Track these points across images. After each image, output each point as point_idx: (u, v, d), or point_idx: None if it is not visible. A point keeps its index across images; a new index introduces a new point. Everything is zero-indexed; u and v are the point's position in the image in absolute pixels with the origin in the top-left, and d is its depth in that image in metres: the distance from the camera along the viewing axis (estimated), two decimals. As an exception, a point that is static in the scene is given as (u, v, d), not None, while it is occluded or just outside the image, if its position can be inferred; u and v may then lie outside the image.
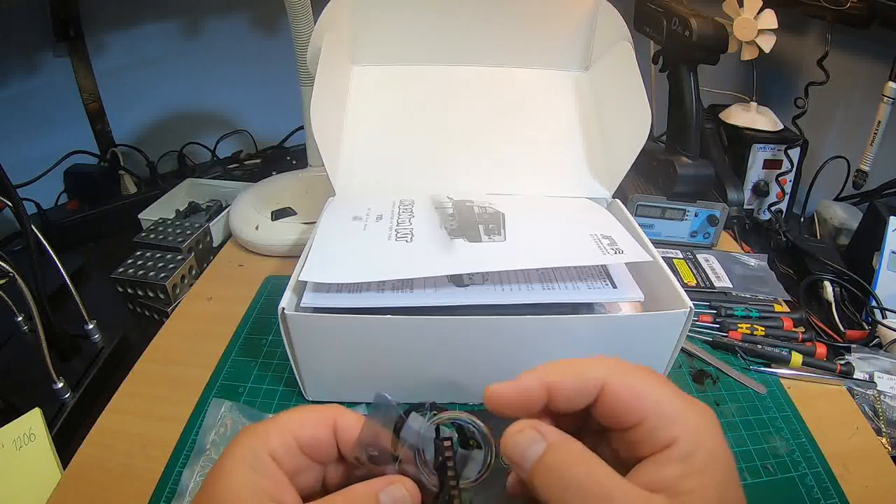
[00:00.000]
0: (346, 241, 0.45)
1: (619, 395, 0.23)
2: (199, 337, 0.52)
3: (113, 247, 0.71)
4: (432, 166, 0.58)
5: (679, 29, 0.61)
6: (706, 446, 0.22)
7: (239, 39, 0.93)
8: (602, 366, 0.24)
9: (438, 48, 0.62)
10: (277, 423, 0.24)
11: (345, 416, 0.25)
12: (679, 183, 0.65)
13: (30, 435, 0.40)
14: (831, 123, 0.80)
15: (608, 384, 0.24)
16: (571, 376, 0.24)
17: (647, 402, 0.23)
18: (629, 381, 0.23)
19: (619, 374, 0.24)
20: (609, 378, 0.24)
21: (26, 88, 0.77)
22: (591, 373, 0.24)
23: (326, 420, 0.25)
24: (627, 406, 0.23)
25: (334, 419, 0.25)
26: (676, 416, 0.23)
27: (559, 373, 0.24)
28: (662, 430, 0.22)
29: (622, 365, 0.24)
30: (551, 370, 0.25)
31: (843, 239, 0.70)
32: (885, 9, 0.65)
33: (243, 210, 0.67)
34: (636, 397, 0.23)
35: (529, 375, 0.24)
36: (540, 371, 0.25)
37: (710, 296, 0.57)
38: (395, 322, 0.39)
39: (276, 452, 0.23)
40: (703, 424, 0.23)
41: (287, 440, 0.24)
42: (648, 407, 0.23)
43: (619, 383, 0.23)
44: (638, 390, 0.23)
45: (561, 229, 0.49)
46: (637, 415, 0.23)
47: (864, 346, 0.53)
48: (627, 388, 0.23)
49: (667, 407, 0.23)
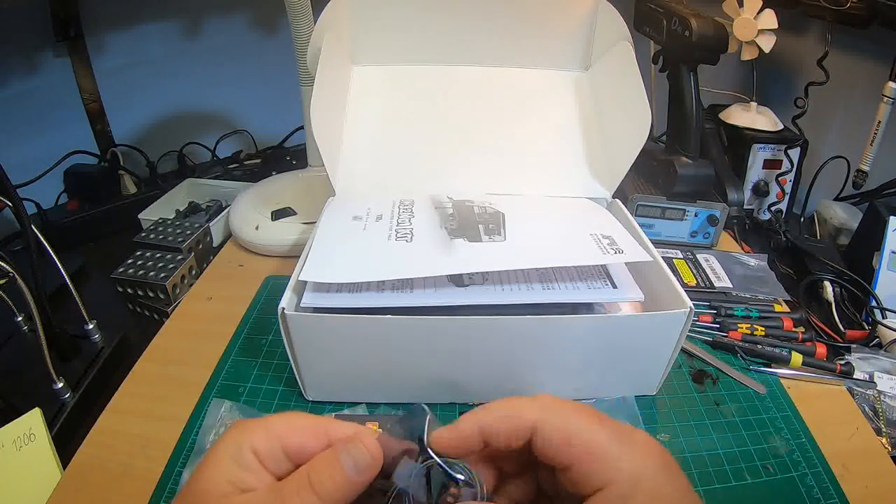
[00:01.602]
0: (346, 241, 0.45)
1: (549, 438, 0.24)
2: (199, 337, 0.52)
3: (113, 247, 0.71)
4: (432, 166, 0.58)
5: (679, 29, 0.61)
6: (646, 488, 0.22)
7: (239, 39, 0.93)
8: (536, 406, 0.24)
9: (438, 48, 0.62)
10: (266, 425, 0.24)
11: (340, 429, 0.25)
12: (679, 183, 0.65)
13: (30, 435, 0.40)
14: (831, 123, 0.80)
15: (539, 427, 0.24)
16: (504, 420, 0.25)
17: (575, 447, 0.23)
18: (559, 424, 0.24)
19: (550, 416, 0.24)
20: (540, 421, 0.24)
21: (26, 88, 0.77)
22: (523, 414, 0.24)
23: (317, 430, 0.25)
24: (557, 449, 0.23)
25: (327, 432, 0.25)
26: (609, 459, 0.23)
27: (493, 416, 0.25)
28: (595, 475, 0.22)
29: (556, 406, 0.24)
30: (486, 413, 0.25)
31: (843, 239, 0.70)
32: (885, 9, 0.65)
33: (243, 210, 0.67)
34: (565, 441, 0.23)
35: (466, 419, 0.25)
36: (476, 414, 0.25)
37: (710, 296, 0.57)
38: (395, 322, 0.39)
39: (259, 451, 0.24)
40: (642, 466, 0.22)
41: (272, 444, 0.24)
42: (577, 451, 0.23)
43: (550, 426, 0.24)
44: (568, 434, 0.23)
45: (561, 229, 0.49)
46: (567, 458, 0.23)
47: (864, 346, 0.53)
48: (557, 432, 0.24)
49: (598, 450, 0.23)
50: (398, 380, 0.43)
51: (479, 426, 0.25)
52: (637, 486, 0.22)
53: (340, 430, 0.25)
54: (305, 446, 0.24)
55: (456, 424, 0.25)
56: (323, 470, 0.23)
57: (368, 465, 0.23)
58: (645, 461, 0.23)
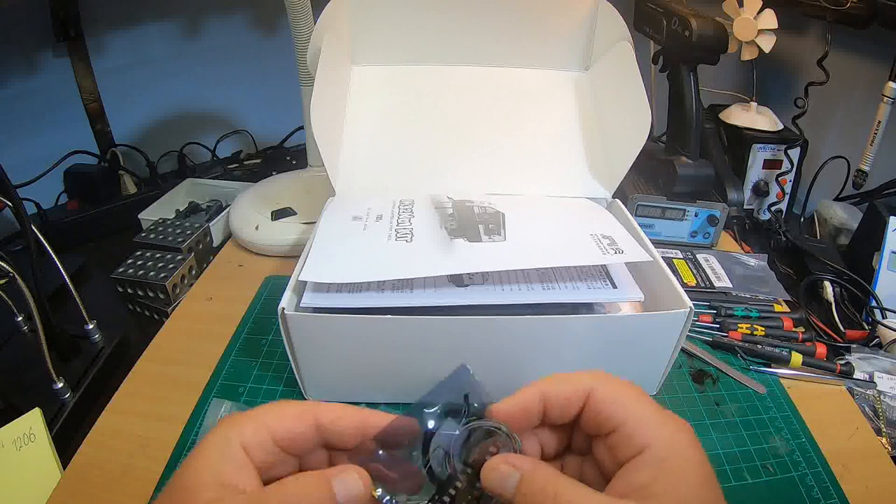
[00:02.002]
0: (345, 241, 0.45)
1: (602, 400, 0.26)
2: (199, 337, 0.52)
3: (113, 247, 0.71)
4: (432, 166, 0.58)
5: (679, 29, 0.61)
6: (680, 453, 0.24)
7: (239, 39, 0.93)
8: (590, 376, 0.27)
9: (438, 48, 0.62)
10: (254, 417, 0.25)
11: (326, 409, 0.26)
12: (679, 183, 0.65)
13: (30, 435, 0.40)
14: (831, 123, 0.80)
15: (594, 391, 0.26)
16: (564, 384, 0.27)
17: (624, 408, 0.25)
18: (612, 390, 0.26)
19: (604, 383, 0.26)
20: (595, 386, 0.26)
21: (26, 88, 0.77)
22: (580, 381, 0.27)
23: (304, 415, 0.26)
24: (608, 412, 0.25)
25: (314, 414, 0.26)
26: (651, 422, 0.25)
27: (553, 382, 0.27)
28: (637, 435, 0.24)
29: (608, 376, 0.27)
30: (545, 382, 0.27)
31: (843, 239, 0.70)
32: (885, 9, 0.65)
33: (243, 210, 0.67)
34: (616, 403, 0.25)
35: (527, 389, 0.27)
36: (536, 384, 0.27)
37: (710, 296, 0.57)
38: (395, 322, 0.39)
39: (248, 444, 0.24)
40: (678, 435, 0.24)
41: (262, 436, 0.24)
42: (626, 412, 0.25)
43: (604, 391, 0.26)
44: (619, 399, 0.26)
45: (561, 229, 0.49)
46: (615, 420, 0.25)
47: (864, 346, 0.53)
48: (610, 395, 0.26)
49: (642, 414, 0.25)
50: (398, 380, 0.43)
51: (542, 393, 0.27)
52: (673, 450, 0.24)
53: (327, 411, 0.26)
54: (294, 432, 0.25)
55: (517, 394, 0.27)
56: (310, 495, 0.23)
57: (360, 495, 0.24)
58: (680, 433, 0.24)
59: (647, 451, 0.24)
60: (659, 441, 0.24)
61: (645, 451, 0.24)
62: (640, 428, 0.24)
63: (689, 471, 0.23)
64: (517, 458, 0.25)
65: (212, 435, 0.24)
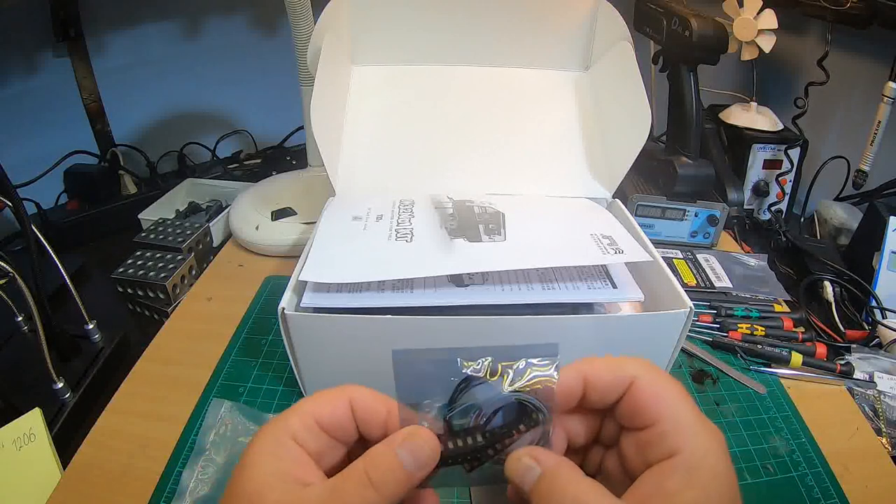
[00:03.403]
0: (345, 241, 0.45)
1: (643, 392, 0.24)
2: (199, 337, 0.52)
3: (113, 247, 0.71)
4: (432, 166, 0.58)
5: (679, 29, 0.61)
6: (711, 465, 0.22)
7: (239, 39, 0.93)
8: (635, 364, 0.25)
9: (438, 48, 0.62)
10: (296, 408, 0.25)
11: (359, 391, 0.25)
12: (679, 183, 0.65)
13: (30, 435, 0.40)
14: (831, 123, 0.80)
15: (637, 381, 0.25)
16: (606, 370, 0.25)
17: (664, 406, 0.24)
18: (656, 382, 0.25)
19: (649, 373, 0.25)
20: (639, 375, 0.25)
21: (26, 88, 0.77)
22: (624, 368, 0.25)
23: (342, 397, 0.25)
24: (647, 405, 0.24)
25: (349, 395, 0.25)
26: (688, 427, 0.23)
27: (596, 366, 0.26)
28: (671, 437, 0.23)
29: (654, 367, 0.26)
30: (588, 364, 0.26)
31: (843, 239, 0.70)
32: (885, 9, 0.65)
33: (243, 210, 0.67)
34: (657, 398, 0.24)
35: (569, 369, 0.26)
36: (578, 365, 0.26)
37: (710, 296, 0.57)
38: (395, 322, 0.39)
39: (297, 435, 0.24)
40: (711, 444, 0.23)
41: (307, 421, 0.24)
42: (665, 410, 0.24)
43: (647, 381, 0.25)
44: (661, 394, 0.24)
45: (561, 229, 0.49)
46: (653, 415, 0.24)
47: (864, 346, 0.53)
48: (652, 388, 0.24)
49: (681, 416, 0.24)
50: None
51: (584, 375, 0.25)
52: (704, 460, 0.22)
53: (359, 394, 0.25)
54: (336, 413, 0.25)
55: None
56: (381, 466, 0.23)
57: (429, 459, 0.23)
58: (715, 443, 0.23)
59: (678, 457, 0.23)
60: (693, 448, 0.23)
61: (676, 455, 0.23)
62: (675, 429, 0.23)
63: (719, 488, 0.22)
64: (542, 452, 0.24)
65: (257, 440, 0.24)
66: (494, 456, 0.24)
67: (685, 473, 0.22)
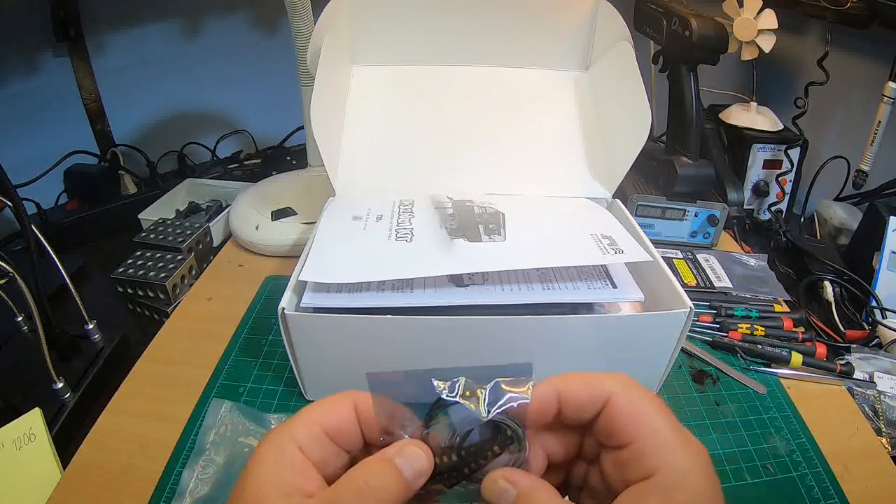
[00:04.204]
0: (346, 241, 0.45)
1: (620, 409, 0.24)
2: (199, 337, 0.52)
3: (113, 247, 0.71)
4: (432, 166, 0.58)
5: (679, 29, 0.61)
6: (690, 486, 0.22)
7: (239, 39, 0.93)
8: (612, 380, 0.25)
9: (438, 48, 0.62)
10: (301, 415, 0.25)
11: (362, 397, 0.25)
12: (679, 183, 0.65)
13: (30, 435, 0.40)
14: (831, 123, 0.80)
15: (614, 397, 0.24)
16: (582, 386, 0.25)
17: (642, 424, 0.23)
18: (633, 399, 0.24)
19: (627, 390, 0.24)
20: (616, 392, 0.24)
21: (26, 88, 0.77)
22: (601, 385, 0.25)
23: (346, 402, 0.25)
24: (625, 422, 0.24)
25: (353, 401, 0.25)
26: (666, 446, 0.23)
27: (571, 383, 0.25)
28: (648, 456, 0.23)
29: (632, 384, 0.25)
30: (564, 380, 0.25)
31: (843, 239, 0.70)
32: (885, 9, 0.65)
33: (243, 210, 0.67)
34: (633, 416, 0.24)
35: (544, 384, 0.25)
36: (553, 381, 0.25)
37: (710, 296, 0.57)
38: (395, 322, 0.39)
39: (302, 443, 0.24)
40: (692, 463, 0.23)
41: (313, 429, 0.24)
42: (642, 428, 0.23)
43: (624, 400, 0.24)
44: (638, 410, 0.24)
45: (561, 229, 0.49)
46: (630, 433, 0.23)
47: (864, 346, 0.53)
48: (629, 405, 0.24)
49: (660, 434, 0.23)
50: (398, 380, 0.43)
51: (558, 391, 0.25)
52: (683, 481, 0.22)
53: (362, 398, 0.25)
54: (341, 420, 0.25)
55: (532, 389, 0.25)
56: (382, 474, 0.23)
57: (426, 468, 0.23)
58: (695, 461, 0.23)
59: (656, 477, 0.22)
60: (671, 468, 0.22)
61: (654, 475, 0.22)
62: (653, 449, 0.23)
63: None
64: (518, 474, 0.24)
65: (261, 447, 0.23)
66: (470, 475, 0.24)
67: (663, 495, 0.22)
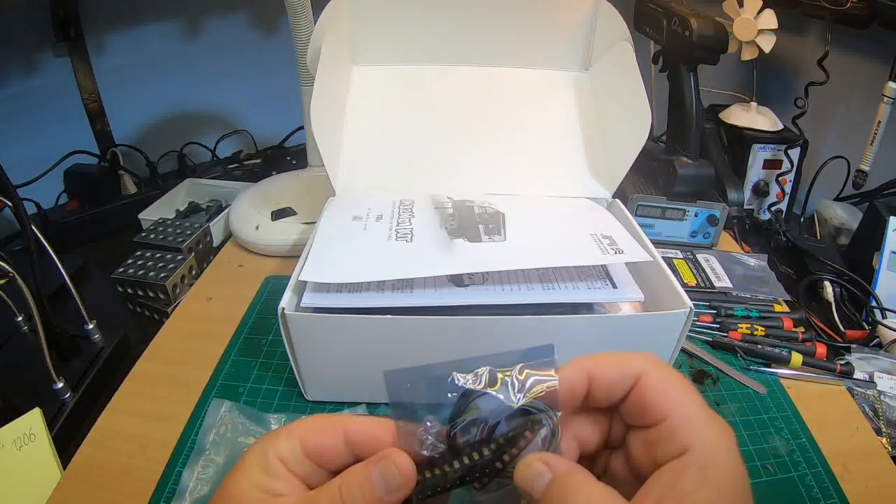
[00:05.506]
0: (346, 241, 0.45)
1: (650, 388, 0.24)
2: (199, 337, 0.52)
3: (113, 247, 0.71)
4: (432, 166, 0.58)
5: (679, 29, 0.61)
6: (723, 461, 0.22)
7: (239, 39, 0.93)
8: (641, 359, 0.25)
9: (438, 48, 0.62)
10: (288, 429, 0.25)
11: (355, 421, 0.25)
12: (679, 183, 0.65)
13: (30, 435, 0.40)
14: (831, 123, 0.80)
15: (643, 377, 0.24)
16: (612, 366, 0.25)
17: (672, 402, 0.23)
18: (662, 378, 0.24)
19: (655, 369, 0.24)
20: (645, 371, 0.24)
21: (26, 88, 0.77)
22: (629, 364, 0.25)
23: (334, 427, 0.25)
24: (654, 401, 0.23)
25: (343, 427, 0.25)
26: (697, 423, 0.23)
27: (600, 363, 0.25)
28: (681, 433, 0.22)
29: (660, 362, 0.25)
30: (592, 361, 0.25)
31: (843, 239, 0.70)
32: (885, 9, 0.65)
33: (243, 210, 0.67)
34: (664, 394, 0.23)
35: (572, 365, 0.25)
36: (580, 362, 0.25)
37: (710, 296, 0.57)
38: (395, 322, 0.39)
39: (283, 456, 0.24)
40: (722, 440, 0.22)
41: (294, 447, 0.24)
42: (673, 406, 0.23)
43: (654, 377, 0.24)
44: (668, 389, 0.24)
45: (561, 229, 0.49)
46: (661, 411, 0.23)
47: (864, 346, 0.53)
48: (659, 384, 0.24)
49: (690, 411, 0.23)
50: (398, 380, 0.43)
51: (588, 372, 0.25)
52: (716, 457, 0.22)
53: (356, 424, 0.25)
54: (322, 445, 0.24)
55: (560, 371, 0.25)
56: (354, 486, 0.23)
57: (399, 485, 0.23)
58: (724, 437, 0.23)
59: (689, 454, 0.22)
60: (703, 444, 0.22)
61: (687, 452, 0.22)
62: (685, 425, 0.22)
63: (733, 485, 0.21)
64: (553, 457, 0.23)
65: (250, 451, 0.24)
66: (503, 469, 0.24)
67: (698, 471, 0.21)
